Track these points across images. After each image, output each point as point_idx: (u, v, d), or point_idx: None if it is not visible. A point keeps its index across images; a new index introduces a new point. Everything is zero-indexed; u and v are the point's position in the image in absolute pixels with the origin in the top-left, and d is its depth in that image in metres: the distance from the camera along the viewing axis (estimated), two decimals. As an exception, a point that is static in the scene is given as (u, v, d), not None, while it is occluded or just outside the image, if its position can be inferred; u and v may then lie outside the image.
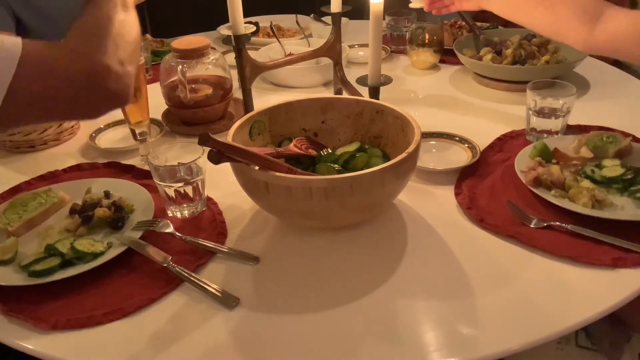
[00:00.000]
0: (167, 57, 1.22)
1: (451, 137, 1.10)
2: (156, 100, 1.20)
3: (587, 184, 0.90)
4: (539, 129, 1.08)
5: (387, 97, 1.06)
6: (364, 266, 0.82)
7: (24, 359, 0.73)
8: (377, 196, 0.81)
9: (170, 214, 0.93)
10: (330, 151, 0.95)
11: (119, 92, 0.71)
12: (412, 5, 1.23)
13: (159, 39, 1.70)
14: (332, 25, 1.23)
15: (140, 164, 1.09)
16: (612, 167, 0.93)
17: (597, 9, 0.93)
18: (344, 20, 1.57)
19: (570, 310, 0.72)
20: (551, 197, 0.88)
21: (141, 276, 0.80)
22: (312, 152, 0.95)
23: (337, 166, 0.89)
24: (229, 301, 0.75)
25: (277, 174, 0.77)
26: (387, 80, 1.10)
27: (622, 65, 1.56)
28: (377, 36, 1.01)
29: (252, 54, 1.18)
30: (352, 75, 1.28)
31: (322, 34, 1.61)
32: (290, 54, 1.44)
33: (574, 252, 0.80)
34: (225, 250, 0.85)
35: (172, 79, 1.20)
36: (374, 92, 1.06)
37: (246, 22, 1.12)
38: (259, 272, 0.81)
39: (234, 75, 1.22)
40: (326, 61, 1.35)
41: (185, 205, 0.92)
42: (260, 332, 0.71)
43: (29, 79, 0.64)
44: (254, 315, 0.74)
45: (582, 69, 1.38)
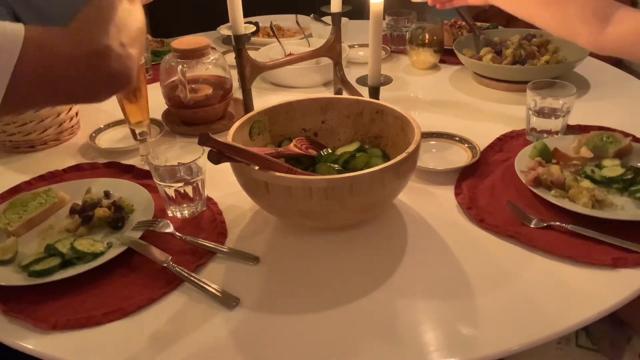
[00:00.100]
0: (167, 57, 1.22)
1: (451, 137, 1.10)
2: (156, 100, 1.20)
3: (587, 184, 0.90)
4: (539, 129, 1.08)
5: (387, 97, 1.06)
6: (364, 266, 0.82)
7: (24, 359, 0.73)
8: (377, 196, 0.81)
9: (170, 214, 0.93)
10: (330, 151, 0.95)
11: (120, 73, 0.70)
12: None
13: (159, 39, 1.70)
14: (332, 25, 1.23)
15: (140, 164, 1.09)
16: (612, 167, 0.93)
17: (608, 10, 0.92)
18: (344, 20, 1.57)
19: (570, 310, 0.72)
20: (551, 197, 0.88)
21: (141, 276, 0.80)
22: (312, 152, 0.95)
23: (337, 166, 0.89)
24: (229, 301, 0.75)
25: (277, 174, 0.77)
26: (387, 80, 1.10)
27: (622, 65, 1.56)
28: (377, 36, 1.01)
29: (252, 54, 1.18)
30: (352, 75, 1.28)
31: (322, 34, 1.61)
32: (290, 54, 1.44)
33: (574, 252, 0.80)
34: (225, 250, 0.85)
35: (172, 79, 1.20)
36: (374, 92, 1.06)
37: (246, 22, 1.12)
38: (259, 272, 0.81)
39: (234, 75, 1.22)
40: (326, 61, 1.35)
41: (185, 205, 0.92)
42: (260, 332, 0.71)
43: (32, 63, 0.64)
44: (254, 315, 0.74)
45: (582, 69, 1.38)
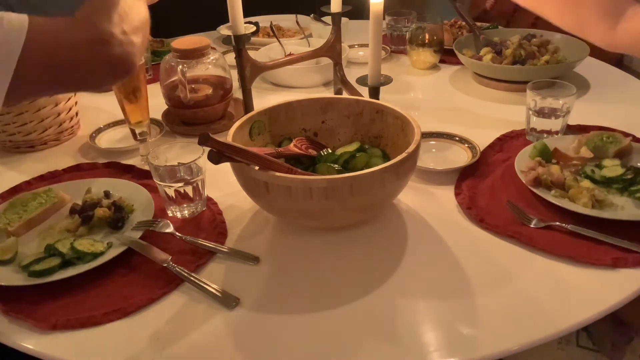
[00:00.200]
0: (167, 57, 1.22)
1: (451, 137, 1.10)
2: (156, 100, 1.20)
3: (587, 184, 0.90)
4: (539, 129, 1.08)
5: (387, 97, 1.06)
6: (364, 266, 0.82)
7: (24, 359, 0.73)
8: (377, 196, 0.81)
9: (170, 214, 0.93)
10: (330, 151, 0.95)
11: (122, 59, 0.71)
12: None
13: (159, 39, 1.69)
14: (332, 25, 1.23)
15: (140, 164, 1.09)
16: (612, 167, 0.93)
17: (620, 7, 0.91)
18: (344, 20, 1.57)
19: (570, 310, 0.72)
20: (551, 197, 0.88)
21: (141, 276, 0.80)
22: (312, 152, 0.95)
23: (337, 166, 0.89)
24: (229, 301, 0.75)
25: (277, 174, 0.77)
26: (387, 80, 1.10)
27: (622, 65, 1.56)
28: (377, 36, 1.01)
29: (252, 54, 1.18)
30: (352, 75, 1.28)
31: (322, 34, 1.61)
32: (290, 54, 1.44)
33: (574, 252, 0.80)
34: (225, 250, 0.85)
35: (172, 79, 1.20)
36: (374, 92, 1.06)
37: (246, 22, 1.12)
38: (259, 272, 0.81)
39: (234, 75, 1.22)
40: (326, 61, 1.35)
41: (185, 205, 0.92)
42: (260, 332, 0.71)
43: (36, 50, 0.65)
44: (254, 315, 0.74)
45: (582, 69, 1.38)
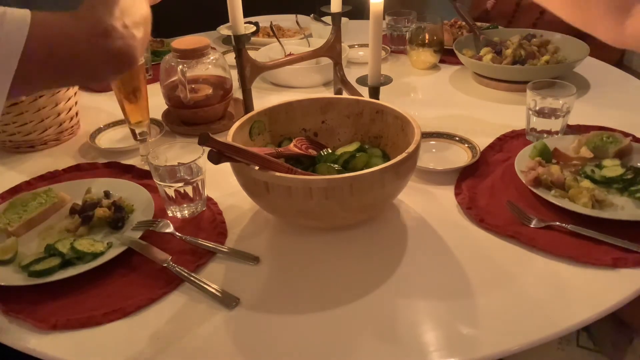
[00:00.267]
0: (167, 57, 1.22)
1: (451, 137, 1.10)
2: (156, 100, 1.20)
3: (587, 184, 0.90)
4: (539, 129, 1.08)
5: (387, 97, 1.06)
6: (364, 266, 0.82)
7: (24, 359, 0.73)
8: (377, 196, 0.81)
9: (170, 214, 0.93)
10: (330, 151, 0.95)
11: (124, 52, 0.71)
12: None
13: (159, 39, 1.69)
14: (332, 25, 1.23)
15: (140, 164, 1.09)
16: (612, 167, 0.93)
17: (629, 2, 0.91)
18: (344, 20, 1.57)
19: (570, 310, 0.72)
20: (551, 197, 0.88)
21: (141, 276, 0.80)
22: (312, 152, 0.95)
23: (337, 166, 0.89)
24: (229, 301, 0.75)
25: (277, 174, 0.77)
26: (387, 80, 1.09)
27: (622, 65, 1.56)
28: (377, 36, 1.01)
29: (252, 54, 1.18)
30: (352, 75, 1.28)
31: (322, 34, 1.61)
32: (290, 54, 1.44)
33: (574, 252, 0.80)
34: (225, 250, 0.85)
35: (172, 79, 1.20)
36: (374, 92, 1.06)
37: (246, 22, 1.12)
38: (259, 272, 0.81)
39: (234, 75, 1.22)
40: (326, 61, 1.35)
41: (185, 205, 0.92)
42: (260, 332, 0.71)
43: (39, 44, 0.66)
44: (254, 315, 0.74)
45: (582, 69, 1.38)
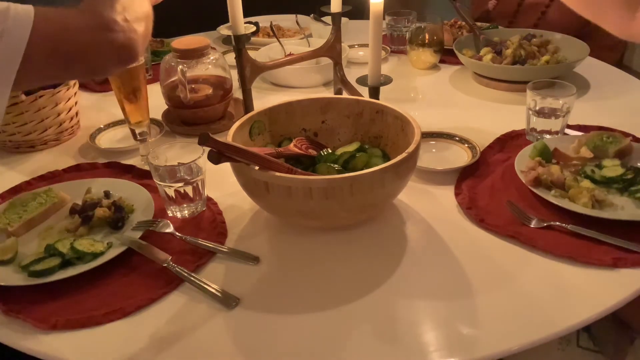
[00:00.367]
0: (167, 57, 1.22)
1: (451, 137, 1.10)
2: (156, 100, 1.20)
3: (587, 184, 0.90)
4: (539, 129, 1.08)
5: (387, 97, 1.06)
6: (364, 266, 0.82)
7: (24, 359, 0.73)
8: (377, 196, 0.81)
9: (170, 214, 0.93)
10: (330, 151, 0.95)
11: (125, 46, 0.72)
12: None
13: (159, 39, 1.69)
14: (332, 25, 1.23)
15: (140, 164, 1.09)
16: (612, 167, 0.93)
17: None
18: (344, 20, 1.57)
19: (570, 310, 0.72)
20: (551, 197, 0.88)
21: (141, 276, 0.80)
22: (312, 152, 0.95)
23: (337, 166, 0.89)
24: (229, 301, 0.75)
25: (277, 174, 0.77)
26: (387, 80, 1.09)
27: (622, 65, 1.56)
28: (377, 36, 1.01)
29: (252, 54, 1.18)
30: (352, 75, 1.28)
31: (322, 34, 1.61)
32: (290, 54, 1.44)
33: (574, 252, 0.80)
34: (225, 250, 0.85)
35: (172, 79, 1.20)
36: (374, 92, 1.06)
37: (246, 22, 1.12)
38: (259, 272, 0.81)
39: (234, 75, 1.22)
40: (326, 61, 1.35)
41: (185, 205, 0.92)
42: (260, 332, 0.71)
43: (42, 39, 0.67)
44: (254, 315, 0.74)
45: (582, 69, 1.38)
